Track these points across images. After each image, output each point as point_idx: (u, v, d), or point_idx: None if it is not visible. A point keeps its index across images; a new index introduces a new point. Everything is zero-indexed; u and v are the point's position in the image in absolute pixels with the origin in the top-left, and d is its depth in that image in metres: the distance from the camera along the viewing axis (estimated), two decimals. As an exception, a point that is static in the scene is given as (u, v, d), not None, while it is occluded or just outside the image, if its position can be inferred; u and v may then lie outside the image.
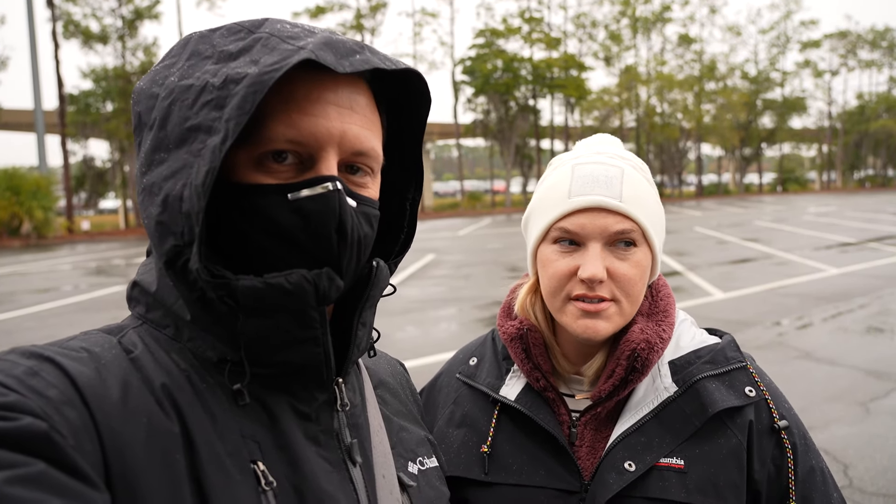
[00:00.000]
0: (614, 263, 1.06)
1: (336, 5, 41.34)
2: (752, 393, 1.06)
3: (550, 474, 1.08)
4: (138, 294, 0.78)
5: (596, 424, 1.10)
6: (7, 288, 13.39)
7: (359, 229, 0.75)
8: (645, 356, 1.07)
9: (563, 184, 1.10)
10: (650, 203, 1.10)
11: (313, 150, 0.72)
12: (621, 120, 49.59)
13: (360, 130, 0.75)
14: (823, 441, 4.57)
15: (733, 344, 1.13)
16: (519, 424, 1.14)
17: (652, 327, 1.10)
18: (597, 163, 1.10)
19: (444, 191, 77.82)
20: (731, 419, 1.05)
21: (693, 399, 1.06)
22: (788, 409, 1.09)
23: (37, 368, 0.61)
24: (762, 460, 1.03)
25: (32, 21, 29.25)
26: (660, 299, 1.16)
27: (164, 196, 0.69)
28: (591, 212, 1.06)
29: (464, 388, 1.23)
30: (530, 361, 1.15)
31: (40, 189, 27.10)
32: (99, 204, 50.40)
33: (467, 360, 1.27)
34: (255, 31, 0.73)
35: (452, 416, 1.20)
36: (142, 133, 0.74)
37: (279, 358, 0.73)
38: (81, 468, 0.57)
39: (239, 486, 0.67)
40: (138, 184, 0.74)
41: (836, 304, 9.16)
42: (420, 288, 11.76)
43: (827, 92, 62.69)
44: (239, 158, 0.71)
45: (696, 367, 1.08)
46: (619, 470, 1.03)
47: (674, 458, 1.03)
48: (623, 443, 1.05)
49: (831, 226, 21.49)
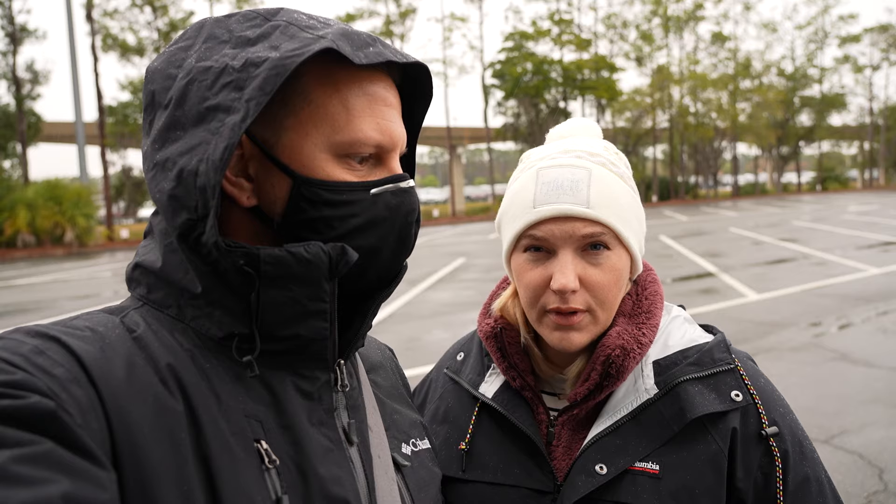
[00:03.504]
0: (587, 270, 1.02)
1: (366, 12, 41.80)
2: (739, 397, 1.01)
3: (525, 473, 1.07)
4: (139, 275, 0.79)
5: (574, 425, 1.08)
6: (50, 294, 13.80)
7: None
8: (619, 362, 1.03)
9: (528, 191, 1.06)
10: (622, 202, 1.05)
11: (387, 151, 0.81)
12: (654, 120, 48.98)
13: (402, 125, 0.85)
14: (858, 445, 4.45)
15: (723, 344, 1.07)
16: (497, 422, 1.12)
17: (630, 331, 1.06)
18: (561, 165, 1.05)
19: (475, 195, 77.77)
20: (713, 425, 1.00)
21: (673, 402, 1.01)
22: (783, 415, 1.03)
23: (43, 347, 0.62)
24: (747, 468, 0.98)
25: (73, 36, 30.14)
26: (645, 298, 1.11)
27: (178, 171, 0.70)
28: (559, 220, 1.02)
29: (449, 383, 1.23)
30: (506, 360, 1.13)
31: (81, 199, 27.90)
32: (138, 212, 51.69)
33: (455, 355, 1.26)
34: (272, 18, 0.76)
35: (437, 412, 1.20)
36: (154, 111, 0.76)
37: (289, 331, 0.75)
38: (88, 447, 0.57)
39: (243, 464, 0.68)
40: (149, 160, 0.75)
41: (875, 305, 8.90)
42: (450, 291, 11.77)
43: (868, 87, 61.02)
44: (313, 149, 0.76)
45: (679, 369, 1.04)
46: (589, 472, 1.00)
47: (649, 463, 1.00)
48: (597, 444, 1.02)
49: (872, 224, 20.89)
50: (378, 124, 0.78)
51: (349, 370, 0.89)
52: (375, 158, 0.81)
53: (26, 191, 27.96)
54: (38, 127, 33.26)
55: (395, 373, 1.07)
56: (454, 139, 49.31)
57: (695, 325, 1.15)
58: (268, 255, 0.71)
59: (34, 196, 27.24)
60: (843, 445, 4.42)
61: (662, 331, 1.11)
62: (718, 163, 54.17)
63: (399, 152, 0.84)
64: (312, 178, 0.76)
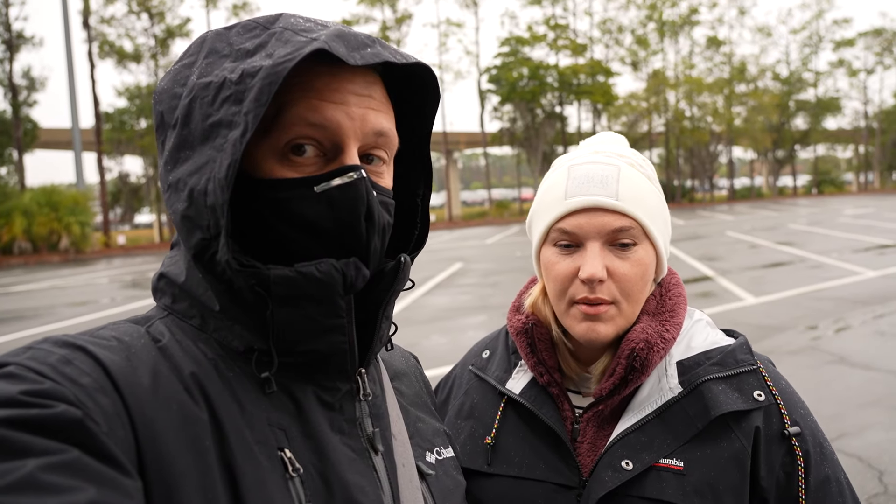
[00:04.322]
0: (614, 263, 1.06)
1: (362, 18, 41.86)
2: (762, 397, 1.04)
3: (550, 468, 1.09)
4: (164, 285, 0.80)
5: (598, 421, 1.10)
6: (47, 301, 13.77)
7: (382, 216, 0.78)
8: (644, 356, 1.06)
9: (560, 185, 1.11)
10: (649, 200, 1.09)
11: (337, 137, 0.74)
12: (650, 125, 49.15)
13: (378, 114, 0.78)
14: (858, 448, 4.47)
15: (745, 346, 1.11)
16: (523, 418, 1.15)
17: (654, 326, 1.09)
18: (593, 162, 1.10)
19: (472, 200, 77.75)
20: (737, 423, 1.03)
21: (697, 401, 1.04)
22: (804, 416, 1.06)
23: (70, 357, 0.62)
24: (770, 467, 1.01)
25: (69, 42, 30.15)
26: (668, 298, 1.15)
27: (188, 191, 0.71)
28: (588, 212, 1.06)
29: (475, 380, 1.25)
30: (535, 356, 1.16)
31: (78, 205, 27.86)
32: (134, 219, 51.67)
33: (480, 353, 1.29)
34: (270, 26, 0.75)
35: (462, 408, 1.23)
36: (165, 132, 0.76)
37: (306, 347, 0.74)
38: (115, 455, 0.58)
39: (267, 472, 0.69)
40: (164, 182, 0.76)
41: (872, 308, 8.93)
42: (448, 296, 11.78)
43: (862, 91, 61.24)
44: (262, 153, 0.73)
45: (703, 369, 1.07)
46: (615, 468, 1.03)
47: (673, 460, 1.02)
48: (623, 441, 1.05)
49: (868, 228, 20.96)
50: (315, 105, 0.72)
51: (372, 378, 0.89)
52: (321, 151, 0.75)
53: (22, 197, 27.89)
54: (35, 133, 33.18)
55: (419, 381, 1.07)
56: (450, 144, 49.42)
57: (716, 328, 1.18)
58: (277, 276, 0.71)
59: (30, 203, 27.19)
60: (842, 448, 4.43)
61: (685, 333, 1.14)
62: (714, 166, 54.35)
63: (372, 137, 0.77)
64: (251, 177, 0.74)
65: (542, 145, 42.45)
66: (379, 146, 0.79)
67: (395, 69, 0.83)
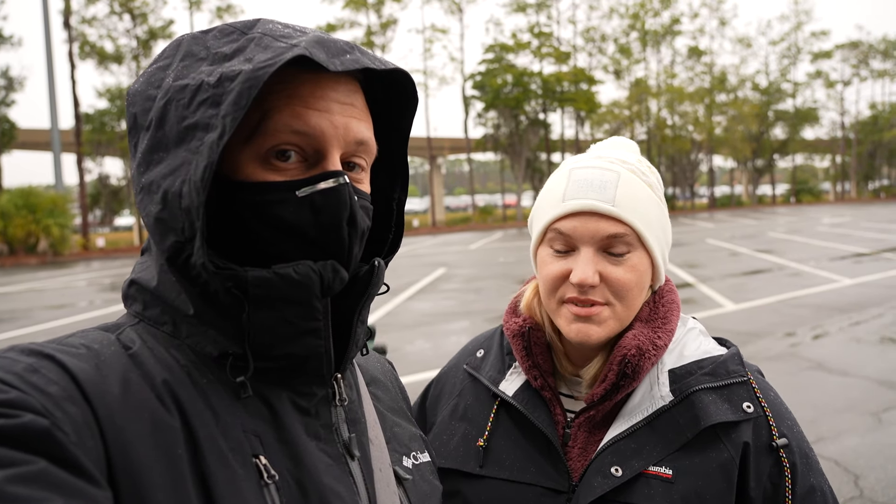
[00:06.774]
0: (607, 268, 1.06)
1: (347, 23, 41.80)
2: (751, 409, 1.05)
3: (540, 472, 1.09)
4: (135, 292, 0.79)
5: (590, 427, 1.11)
6: (23, 304, 13.55)
7: (364, 221, 0.78)
8: (635, 362, 1.06)
9: (560, 187, 1.11)
10: (647, 207, 1.09)
11: (319, 144, 0.74)
12: (632, 133, 49.48)
13: (360, 123, 0.78)
14: (834, 452, 4.54)
15: (737, 357, 1.12)
16: (515, 421, 1.15)
17: (647, 333, 1.09)
18: (593, 167, 1.10)
19: (455, 205, 77.85)
20: (726, 434, 1.03)
21: (687, 410, 1.05)
22: (791, 427, 1.07)
23: (37, 365, 0.61)
24: (758, 477, 1.02)
25: (49, 42, 29.76)
26: (661, 305, 1.15)
27: (162, 193, 0.70)
28: (584, 215, 1.07)
29: (468, 380, 1.25)
30: (530, 359, 1.16)
31: (56, 207, 27.44)
32: (114, 221, 50.97)
33: (475, 352, 1.29)
34: (248, 31, 0.75)
35: (456, 409, 1.23)
36: (138, 134, 0.75)
37: (282, 350, 0.74)
38: (83, 465, 0.57)
39: (242, 479, 0.68)
40: (136, 184, 0.74)
41: (849, 315, 9.08)
42: (431, 301, 11.77)
43: (839, 102, 62.29)
44: (245, 157, 0.73)
45: (694, 378, 1.07)
46: (605, 474, 1.03)
47: (662, 468, 1.02)
48: (613, 447, 1.05)
49: (845, 236, 21.30)
50: (299, 113, 0.72)
51: (348, 383, 0.88)
52: (303, 157, 0.74)
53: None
54: (13, 134, 32.73)
55: (394, 387, 1.07)
56: (434, 149, 49.41)
57: (709, 337, 1.19)
58: (255, 277, 0.70)
59: (7, 204, 26.73)
60: (819, 452, 4.49)
61: (678, 341, 1.14)
62: (695, 175, 54.87)
63: (353, 146, 0.77)
64: (232, 180, 0.73)
65: (526, 152, 42.63)
66: (359, 154, 0.79)
67: (375, 75, 0.83)
